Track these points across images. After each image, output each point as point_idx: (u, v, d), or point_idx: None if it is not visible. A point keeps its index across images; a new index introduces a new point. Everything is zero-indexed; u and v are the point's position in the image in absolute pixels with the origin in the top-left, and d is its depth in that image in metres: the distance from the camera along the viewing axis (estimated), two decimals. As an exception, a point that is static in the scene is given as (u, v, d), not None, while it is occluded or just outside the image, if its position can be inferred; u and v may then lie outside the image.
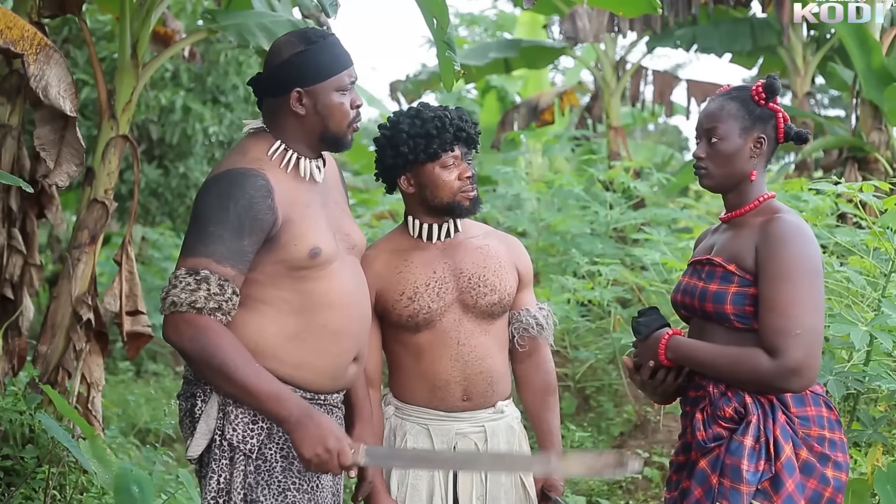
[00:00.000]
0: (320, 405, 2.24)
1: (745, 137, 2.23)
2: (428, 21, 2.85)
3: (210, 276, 2.05)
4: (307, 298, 2.18)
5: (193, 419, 2.20)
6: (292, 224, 2.15)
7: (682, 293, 2.30)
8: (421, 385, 2.48)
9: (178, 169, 8.40)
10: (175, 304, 2.05)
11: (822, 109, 9.55)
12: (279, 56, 2.21)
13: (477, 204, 2.48)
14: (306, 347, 2.18)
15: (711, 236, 2.37)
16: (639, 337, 2.31)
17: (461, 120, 2.45)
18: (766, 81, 2.25)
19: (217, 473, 2.15)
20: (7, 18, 3.37)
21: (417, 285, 2.44)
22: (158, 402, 6.28)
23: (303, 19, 4.41)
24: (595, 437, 5.04)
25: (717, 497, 2.08)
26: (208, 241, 2.07)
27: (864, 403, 3.23)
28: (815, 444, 2.12)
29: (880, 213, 3.20)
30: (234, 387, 2.04)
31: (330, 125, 2.22)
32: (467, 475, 2.46)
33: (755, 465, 2.08)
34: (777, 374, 2.06)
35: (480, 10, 16.13)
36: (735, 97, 2.27)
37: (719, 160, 2.25)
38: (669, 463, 2.38)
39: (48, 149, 3.67)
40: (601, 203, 6.13)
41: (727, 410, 2.13)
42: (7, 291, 3.95)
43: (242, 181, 2.11)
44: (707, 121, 2.27)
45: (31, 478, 3.44)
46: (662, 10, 6.87)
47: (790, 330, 2.06)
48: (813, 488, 2.10)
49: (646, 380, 2.28)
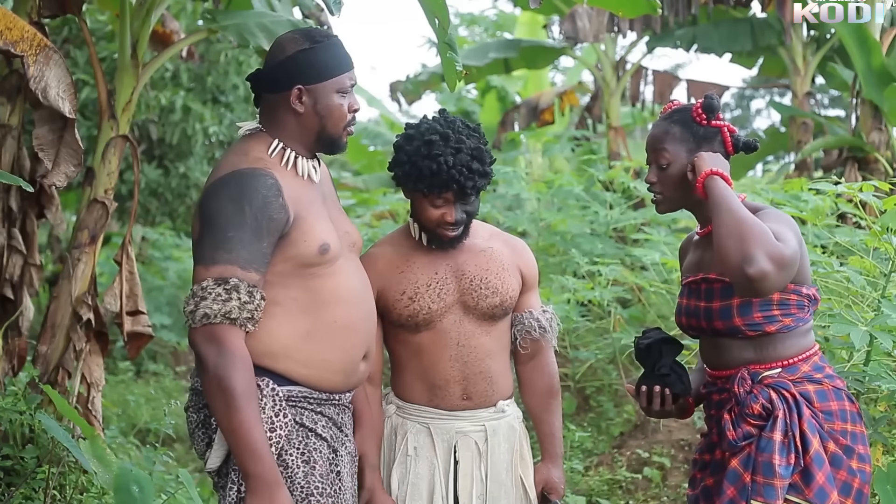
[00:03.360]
0: (334, 406, 2.22)
1: (692, 159, 2.24)
2: (431, 21, 2.85)
3: (239, 283, 2.02)
4: (316, 296, 2.16)
5: (207, 429, 2.16)
6: (301, 221, 2.13)
7: (687, 315, 2.31)
8: (421, 384, 2.49)
9: (178, 169, 8.40)
10: (208, 315, 2.01)
11: (822, 109, 9.53)
12: (283, 52, 2.19)
13: (458, 241, 2.45)
14: (318, 346, 2.16)
15: (694, 251, 2.38)
16: (639, 349, 2.33)
17: (463, 169, 2.34)
18: (705, 102, 2.26)
19: (237, 484, 2.10)
20: (7, 19, 3.37)
21: (418, 285, 2.44)
22: (158, 402, 6.29)
23: (303, 19, 4.41)
24: (595, 437, 5.04)
25: (752, 494, 2.10)
26: (230, 246, 2.04)
27: (864, 403, 3.22)
28: (840, 437, 2.16)
29: (880, 213, 3.19)
30: (228, 418, 2.00)
31: (327, 126, 2.21)
32: (468, 474, 2.46)
33: (786, 459, 2.10)
34: (771, 249, 2.02)
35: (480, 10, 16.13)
36: (677, 120, 2.28)
37: (672, 184, 2.28)
38: (693, 461, 2.39)
39: (46, 149, 3.67)
40: (601, 203, 6.12)
41: (755, 408, 2.15)
42: (7, 291, 3.95)
43: (253, 181, 2.08)
44: (654, 146, 2.29)
45: (31, 478, 3.44)
46: (662, 11, 6.88)
47: (785, 239, 2.08)
48: (843, 480, 2.13)
49: (644, 406, 2.32)
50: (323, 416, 2.19)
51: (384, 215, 8.31)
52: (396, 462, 2.49)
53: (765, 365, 2.21)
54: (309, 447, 2.14)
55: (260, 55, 4.38)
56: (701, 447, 2.36)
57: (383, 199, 8.10)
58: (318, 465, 2.14)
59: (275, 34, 3.89)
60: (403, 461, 2.48)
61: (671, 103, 2.36)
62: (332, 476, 2.17)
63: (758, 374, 2.20)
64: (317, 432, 2.16)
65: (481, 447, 2.48)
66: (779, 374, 2.19)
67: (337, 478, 2.19)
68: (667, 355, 2.32)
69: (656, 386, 2.31)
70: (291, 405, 2.13)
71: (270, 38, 3.89)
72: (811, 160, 7.86)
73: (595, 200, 6.21)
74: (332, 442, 2.19)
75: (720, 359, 2.28)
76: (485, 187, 2.43)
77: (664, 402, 2.31)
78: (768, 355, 2.21)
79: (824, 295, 3.34)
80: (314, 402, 2.17)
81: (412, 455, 2.47)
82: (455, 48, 2.85)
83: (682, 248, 2.47)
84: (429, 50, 15.73)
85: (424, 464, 2.47)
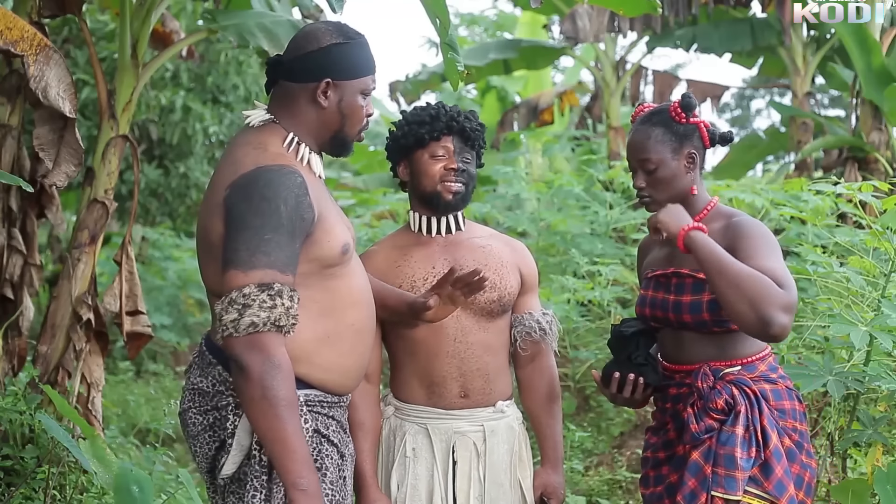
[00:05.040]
0: (341, 407, 2.20)
1: (678, 158, 2.32)
2: (432, 21, 2.86)
3: (283, 288, 1.94)
4: (336, 297, 2.11)
5: (216, 433, 2.10)
6: (324, 220, 2.07)
7: (651, 307, 2.36)
8: (419, 382, 2.49)
9: (178, 169, 8.40)
10: (255, 324, 1.92)
11: (822, 109, 9.54)
12: (317, 42, 2.11)
13: (461, 200, 2.48)
14: (337, 349, 2.12)
15: (662, 247, 2.42)
16: (620, 337, 2.36)
17: (457, 113, 2.48)
18: (682, 100, 2.32)
19: (259, 491, 2.04)
20: (7, 19, 3.37)
21: (415, 279, 2.45)
22: (158, 402, 6.28)
23: (302, 19, 4.41)
24: (595, 437, 5.04)
25: (713, 486, 2.17)
26: (268, 249, 1.94)
27: (864, 403, 3.23)
28: (792, 434, 2.25)
29: (880, 213, 3.20)
30: (275, 429, 1.92)
31: (346, 125, 2.16)
32: (466, 474, 2.45)
33: (747, 453, 2.18)
34: (782, 302, 2.10)
35: (480, 10, 16.14)
36: (657, 122, 2.33)
37: (661, 187, 2.33)
38: (644, 459, 2.43)
39: (47, 149, 3.67)
40: (601, 203, 6.12)
41: (718, 403, 2.22)
42: (7, 291, 3.95)
43: (284, 180, 1.99)
44: (638, 153, 2.34)
45: (31, 478, 3.44)
46: (662, 10, 6.88)
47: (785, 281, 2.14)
48: (796, 473, 2.22)
49: (614, 392, 2.35)
50: (333, 419, 2.15)
51: (384, 215, 8.31)
52: (395, 464, 2.48)
53: (725, 362, 2.28)
54: (322, 454, 2.10)
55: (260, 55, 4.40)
56: (655, 444, 2.39)
57: (383, 199, 8.11)
58: (329, 472, 2.10)
59: (275, 34, 3.89)
60: (402, 463, 2.47)
61: (641, 106, 2.40)
62: (340, 483, 2.15)
63: (719, 371, 2.27)
64: (329, 438, 2.12)
65: (479, 447, 2.47)
66: (738, 372, 2.27)
67: (344, 483, 2.16)
68: (643, 346, 2.37)
69: (630, 374, 2.34)
70: (309, 409, 2.09)
71: (270, 38, 3.89)
72: (811, 160, 7.86)
73: (595, 200, 6.21)
74: (340, 447, 2.16)
75: (681, 354, 2.34)
76: (483, 144, 2.51)
77: (635, 391, 2.35)
78: (729, 353, 2.29)
79: (824, 295, 3.35)
80: (327, 405, 2.14)
81: (411, 456, 2.47)
82: (456, 48, 2.85)
83: (643, 245, 2.54)
84: (429, 50, 15.74)
85: (423, 465, 2.46)
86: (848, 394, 3.00)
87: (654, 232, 2.28)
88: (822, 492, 3.25)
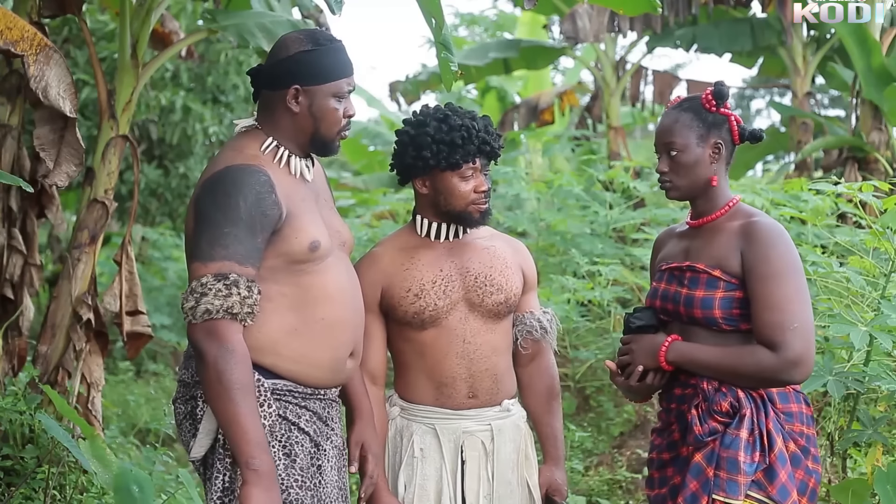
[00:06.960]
0: (320, 400, 2.25)
1: (703, 146, 2.30)
2: (427, 21, 2.86)
3: (239, 279, 2.06)
4: (306, 292, 2.19)
5: (195, 420, 2.20)
6: (293, 218, 2.16)
7: (662, 299, 2.34)
8: (427, 383, 2.48)
9: (178, 169, 8.40)
10: (210, 311, 2.05)
11: (822, 109, 9.54)
12: (285, 51, 2.22)
13: (487, 216, 2.49)
14: (305, 341, 2.19)
15: (679, 241, 2.41)
16: (630, 330, 2.36)
17: (487, 133, 2.44)
18: (715, 88, 2.31)
19: (222, 473, 2.16)
20: (7, 19, 3.37)
21: (424, 282, 2.45)
22: (158, 402, 6.28)
23: (302, 19, 4.41)
24: (595, 437, 5.04)
25: (714, 489, 2.14)
26: (226, 242, 2.07)
27: (864, 403, 3.23)
28: (798, 438, 2.22)
29: (880, 213, 3.20)
30: (228, 410, 2.04)
31: (321, 128, 2.24)
32: (474, 474, 2.46)
33: (751, 457, 2.16)
34: (781, 367, 2.13)
35: (480, 10, 16.14)
36: (687, 108, 2.33)
37: (682, 171, 2.31)
38: (649, 461, 2.42)
39: (47, 149, 3.67)
40: (601, 203, 6.12)
41: (723, 405, 2.20)
42: (7, 291, 3.95)
43: (247, 178, 2.11)
44: (664, 136, 2.33)
45: (31, 478, 3.44)
46: (662, 10, 6.88)
47: (788, 324, 2.14)
48: (801, 479, 2.20)
49: (633, 384, 2.34)
50: (307, 410, 2.22)
51: (384, 215, 8.31)
52: (403, 464, 2.48)
53: None
54: (291, 440, 2.18)
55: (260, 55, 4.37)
56: (659, 446, 2.38)
57: (383, 199, 8.10)
58: (298, 458, 2.18)
59: (274, 34, 3.89)
60: (410, 463, 2.47)
61: (679, 97, 2.41)
62: (313, 470, 2.21)
63: None
64: (300, 426, 2.20)
65: (488, 446, 2.47)
66: None
67: (318, 472, 2.22)
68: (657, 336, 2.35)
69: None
70: (276, 398, 2.17)
71: (270, 39, 3.89)
72: (811, 160, 7.86)
73: (595, 200, 6.21)
74: (315, 437, 2.22)
75: None
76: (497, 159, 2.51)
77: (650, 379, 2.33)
78: None
79: (824, 295, 3.34)
80: (299, 396, 2.21)
81: (418, 457, 2.47)
82: (451, 48, 2.85)
83: (660, 240, 2.52)
84: (429, 50, 15.75)
85: (431, 465, 2.46)
86: (848, 394, 2.99)
87: (627, 376, 2.33)
88: (822, 492, 3.25)
